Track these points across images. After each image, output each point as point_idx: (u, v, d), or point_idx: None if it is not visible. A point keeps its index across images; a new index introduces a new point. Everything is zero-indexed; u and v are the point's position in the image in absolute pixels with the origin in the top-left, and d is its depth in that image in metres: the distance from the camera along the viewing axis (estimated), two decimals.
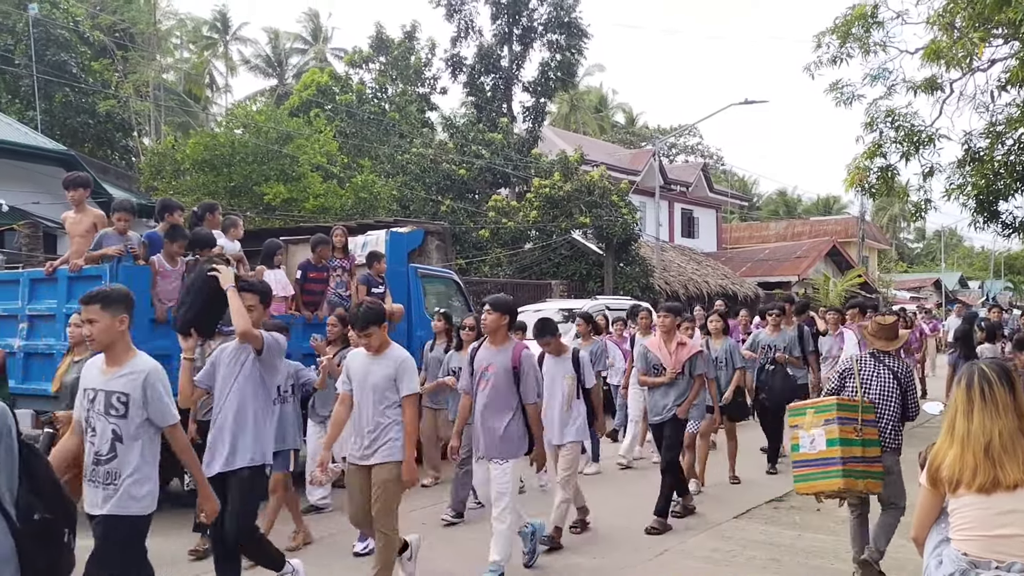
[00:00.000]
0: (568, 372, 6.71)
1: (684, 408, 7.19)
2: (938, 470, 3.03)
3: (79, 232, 7.61)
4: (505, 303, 6.01)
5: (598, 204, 22.46)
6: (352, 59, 29.17)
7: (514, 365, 5.75)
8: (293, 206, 18.27)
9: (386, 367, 5.05)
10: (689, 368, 7.25)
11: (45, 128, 20.58)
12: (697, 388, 7.33)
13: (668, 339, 7.31)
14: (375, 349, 5.09)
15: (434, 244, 13.65)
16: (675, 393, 7.19)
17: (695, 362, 7.30)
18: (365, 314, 5.04)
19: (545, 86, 27.51)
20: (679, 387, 7.20)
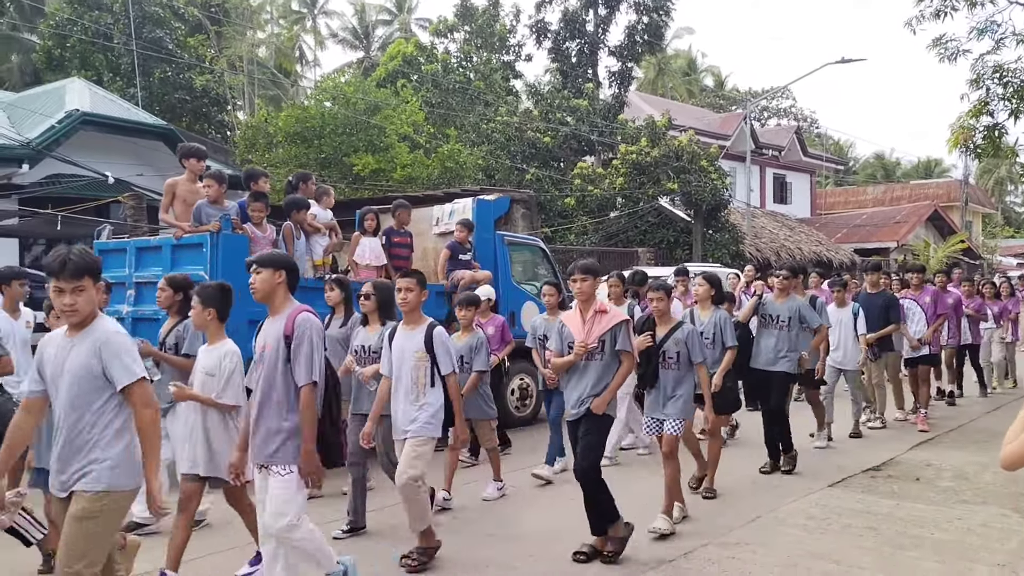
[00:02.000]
0: (418, 348, 5.37)
1: (603, 399, 5.49)
2: None
3: (194, 200, 7.87)
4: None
5: (686, 170, 22.06)
6: (437, 28, 29.24)
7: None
8: (381, 176, 18.54)
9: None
10: (610, 344, 5.54)
11: (145, 104, 21.36)
12: (623, 372, 5.58)
13: (585, 307, 5.64)
14: None
15: (520, 212, 13.67)
16: (591, 379, 5.53)
17: (617, 335, 5.54)
18: None
19: (631, 50, 27.01)
20: (595, 371, 5.54)
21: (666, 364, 6.24)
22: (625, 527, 5.62)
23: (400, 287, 5.44)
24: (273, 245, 7.83)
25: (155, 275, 7.82)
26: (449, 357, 5.39)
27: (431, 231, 10.47)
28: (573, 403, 5.60)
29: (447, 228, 10.07)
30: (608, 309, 5.69)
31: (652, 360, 6.24)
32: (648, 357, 6.22)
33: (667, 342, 6.25)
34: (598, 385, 5.53)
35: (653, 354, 6.23)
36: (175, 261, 7.67)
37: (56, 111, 15.40)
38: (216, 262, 7.37)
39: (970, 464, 8.22)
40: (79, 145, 15.11)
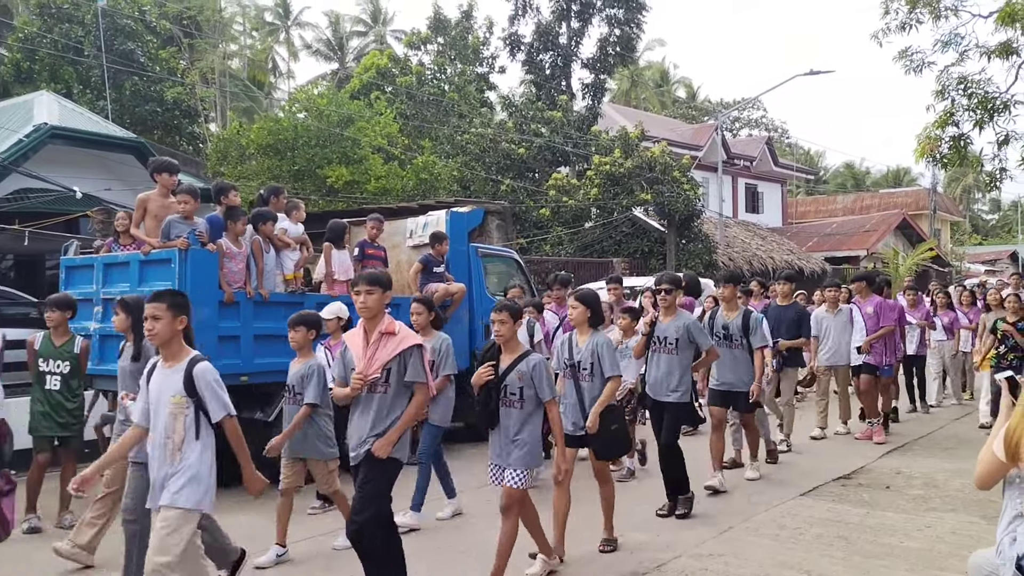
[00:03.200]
0: (177, 391, 4.26)
1: (387, 441, 4.47)
2: (1017, 446, 2.90)
3: (165, 215, 7.76)
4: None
5: (659, 180, 22.21)
6: (411, 40, 29.27)
7: None
8: (355, 188, 18.49)
9: None
10: (397, 373, 4.54)
11: (115, 117, 21.16)
12: (413, 408, 4.57)
13: (370, 327, 4.63)
14: None
15: (494, 224, 13.71)
16: (371, 416, 4.53)
17: (407, 362, 4.53)
18: None
19: (604, 62, 27.23)
20: (378, 406, 4.54)
21: (508, 401, 5.11)
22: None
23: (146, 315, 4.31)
24: (247, 260, 7.80)
25: (123, 291, 7.75)
26: (219, 400, 4.29)
27: (405, 243, 10.44)
28: (353, 444, 4.60)
29: (421, 241, 10.05)
30: (397, 330, 4.61)
31: (492, 397, 5.14)
32: (488, 393, 5.14)
33: (509, 375, 5.10)
34: (381, 423, 4.52)
35: (493, 389, 5.12)
36: (143, 277, 7.59)
37: (24, 125, 15.18)
38: (185, 277, 7.31)
39: (940, 471, 8.31)
40: (48, 159, 14.90)
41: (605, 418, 5.68)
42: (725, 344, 7.62)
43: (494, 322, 5.18)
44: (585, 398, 5.78)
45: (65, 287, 8.37)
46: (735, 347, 7.65)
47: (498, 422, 5.17)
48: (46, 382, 6.83)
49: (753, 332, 7.58)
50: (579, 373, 5.77)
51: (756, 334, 7.60)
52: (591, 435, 5.69)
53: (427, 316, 6.68)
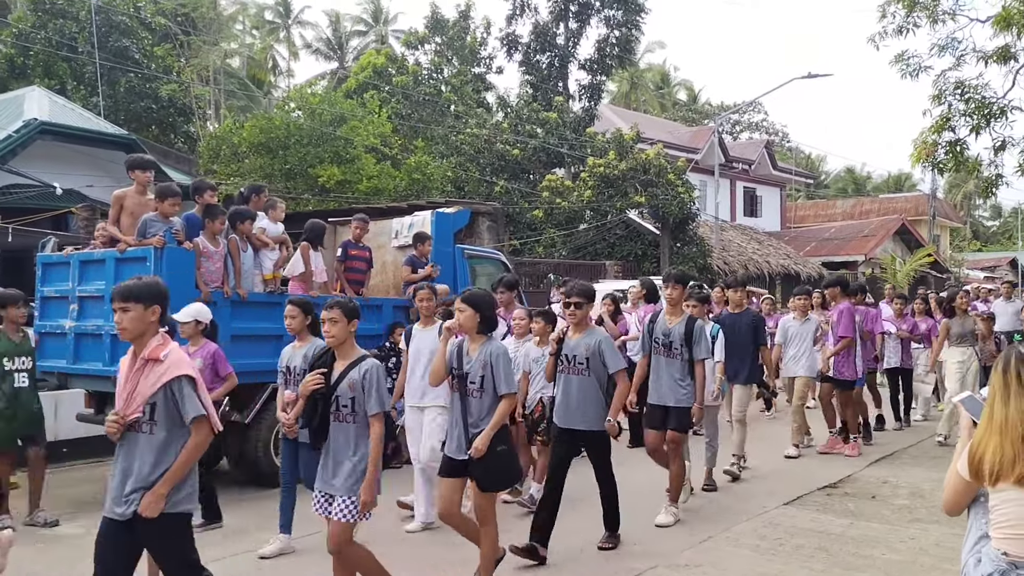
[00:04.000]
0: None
1: (155, 496, 3.57)
2: (980, 462, 2.78)
3: (142, 213, 7.66)
4: None
5: (654, 183, 22.09)
6: (408, 40, 29.17)
7: None
8: (347, 188, 18.38)
9: None
10: (164, 409, 3.66)
11: (109, 113, 21.06)
12: (188, 453, 3.65)
13: (137, 351, 3.75)
14: None
15: (485, 225, 13.62)
16: (136, 463, 3.66)
17: (179, 396, 3.64)
18: None
19: (602, 63, 27.10)
20: (144, 451, 3.67)
21: (339, 415, 4.40)
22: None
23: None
24: (225, 259, 7.68)
25: (99, 289, 7.65)
26: None
27: (390, 244, 10.33)
28: (115, 499, 3.66)
29: (406, 241, 9.93)
30: (163, 356, 3.69)
31: (319, 408, 4.44)
32: (314, 405, 4.46)
33: (341, 384, 4.42)
34: (150, 474, 3.61)
35: (322, 400, 4.44)
36: (119, 275, 7.45)
37: (13, 121, 15.11)
38: (160, 276, 7.14)
39: (927, 481, 8.19)
40: (37, 155, 14.84)
41: (492, 440, 4.92)
42: (663, 353, 6.69)
43: (324, 321, 4.50)
44: (471, 416, 4.99)
45: (42, 284, 8.27)
46: (674, 357, 6.63)
47: (326, 439, 4.46)
48: (14, 380, 6.71)
49: (696, 342, 6.60)
50: (467, 387, 5.00)
51: (700, 344, 6.62)
52: (474, 461, 4.90)
53: (303, 320, 5.79)
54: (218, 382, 6.31)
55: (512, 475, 5.23)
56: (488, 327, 5.13)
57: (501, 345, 5.18)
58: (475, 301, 5.08)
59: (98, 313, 7.52)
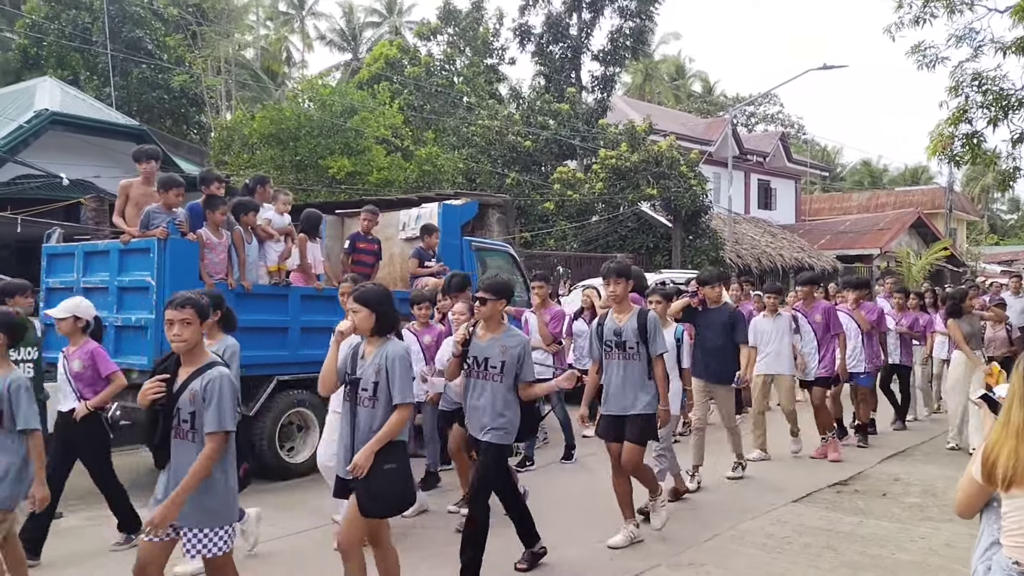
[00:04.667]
0: None
1: None
2: (994, 466, 2.68)
3: (147, 203, 7.64)
4: None
5: (666, 175, 21.93)
6: (421, 31, 29.05)
7: None
8: (357, 179, 18.33)
9: None
10: None
11: (122, 104, 21.07)
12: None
13: None
14: None
15: (495, 217, 13.50)
16: None
17: None
18: None
19: (615, 55, 26.90)
20: None
21: (179, 431, 3.85)
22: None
23: None
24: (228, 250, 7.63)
25: (103, 280, 7.63)
26: None
27: (398, 236, 10.28)
28: None
29: (413, 233, 9.89)
30: None
31: (159, 423, 3.88)
32: (155, 419, 3.90)
33: (182, 395, 3.84)
34: None
35: (163, 413, 3.88)
36: (123, 266, 7.46)
37: (25, 111, 15.11)
38: (164, 268, 7.16)
39: (940, 479, 8.07)
40: (48, 146, 14.80)
41: (379, 457, 4.21)
42: (617, 354, 5.86)
43: (173, 322, 3.82)
44: (360, 429, 4.31)
45: (47, 275, 8.26)
46: (631, 358, 5.83)
47: (169, 459, 3.88)
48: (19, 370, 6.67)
49: (652, 337, 5.79)
50: (358, 394, 4.35)
51: (656, 339, 5.81)
52: (357, 480, 4.21)
53: None
54: (102, 384, 5.77)
55: (402, 499, 4.33)
56: (385, 327, 4.44)
57: (400, 347, 4.40)
58: (369, 299, 4.39)
59: (102, 304, 7.49)
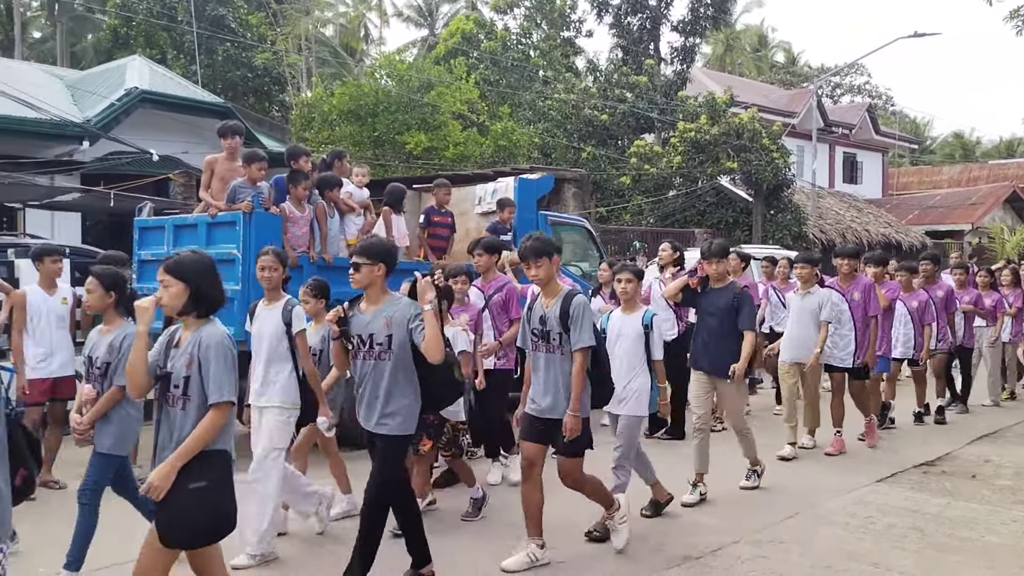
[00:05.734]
0: None
1: None
2: None
3: (231, 178, 7.85)
4: None
5: (747, 148, 21.43)
6: (497, 5, 28.93)
7: None
8: (433, 155, 18.44)
9: None
10: None
11: (207, 82, 21.62)
12: None
13: None
14: None
15: (571, 192, 13.42)
16: None
17: None
18: None
19: (695, 25, 26.29)
20: None
21: None
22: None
23: None
24: (311, 224, 7.78)
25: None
26: None
27: (473, 210, 10.30)
28: None
29: (489, 208, 9.88)
30: None
31: None
32: None
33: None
34: None
35: None
36: (210, 239, 7.67)
37: (116, 89, 15.66)
38: (248, 240, 7.34)
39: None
40: (138, 123, 15.34)
41: (183, 474, 3.43)
42: (542, 345, 5.01)
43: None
44: (165, 435, 3.60)
45: (139, 247, 8.56)
46: (554, 350, 4.95)
47: None
48: None
49: (574, 325, 4.83)
50: (169, 393, 3.60)
51: (579, 327, 4.82)
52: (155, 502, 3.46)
53: (103, 296, 4.81)
54: None
55: (212, 527, 3.55)
56: (205, 306, 3.63)
57: (217, 332, 3.57)
58: (184, 269, 3.60)
59: None
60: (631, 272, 5.90)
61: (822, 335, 7.77)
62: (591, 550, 5.36)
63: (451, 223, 9.30)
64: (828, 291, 8.00)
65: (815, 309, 7.77)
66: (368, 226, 8.44)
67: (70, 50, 30.20)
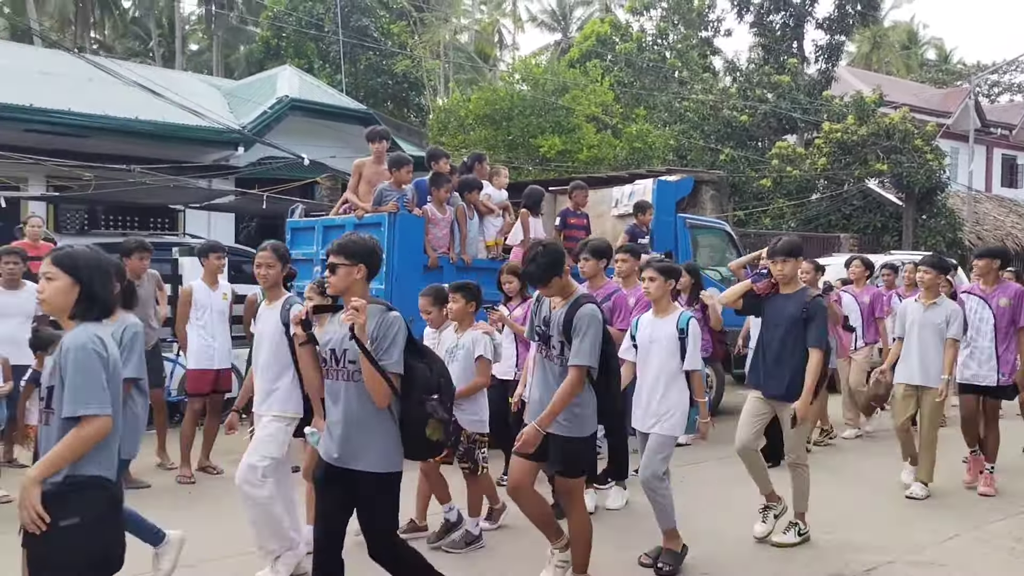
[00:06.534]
0: None
1: None
2: None
3: (378, 181, 8.12)
4: None
5: (898, 149, 20.41)
6: (633, 6, 28.72)
7: None
8: (567, 157, 18.46)
9: None
10: None
11: (351, 90, 22.46)
12: None
13: None
14: None
15: (709, 194, 13.16)
16: None
17: None
18: None
19: (842, 22, 25.30)
20: None
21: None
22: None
23: None
24: (451, 226, 7.93)
25: None
26: None
27: (610, 213, 10.24)
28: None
29: (626, 210, 9.81)
30: None
31: None
32: None
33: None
34: None
35: None
36: None
37: (268, 97, 16.48)
38: (393, 241, 7.56)
39: None
40: (288, 129, 16.08)
41: (55, 508, 2.82)
42: (542, 347, 4.44)
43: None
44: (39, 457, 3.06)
45: (291, 247, 8.93)
46: (553, 359, 4.36)
47: None
48: None
49: (577, 334, 4.17)
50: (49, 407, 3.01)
51: (580, 338, 4.15)
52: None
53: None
54: None
55: (91, 571, 2.95)
56: (97, 310, 3.05)
57: (81, 335, 2.93)
58: (75, 264, 3.02)
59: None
60: (656, 270, 5.08)
61: (948, 356, 6.55)
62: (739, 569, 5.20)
63: (587, 225, 9.25)
64: (955, 304, 6.79)
65: (940, 324, 6.59)
66: (506, 227, 8.53)
67: (224, 61, 32.12)
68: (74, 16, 34.26)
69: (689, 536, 5.08)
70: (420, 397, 3.59)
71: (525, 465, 4.35)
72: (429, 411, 3.58)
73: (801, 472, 5.46)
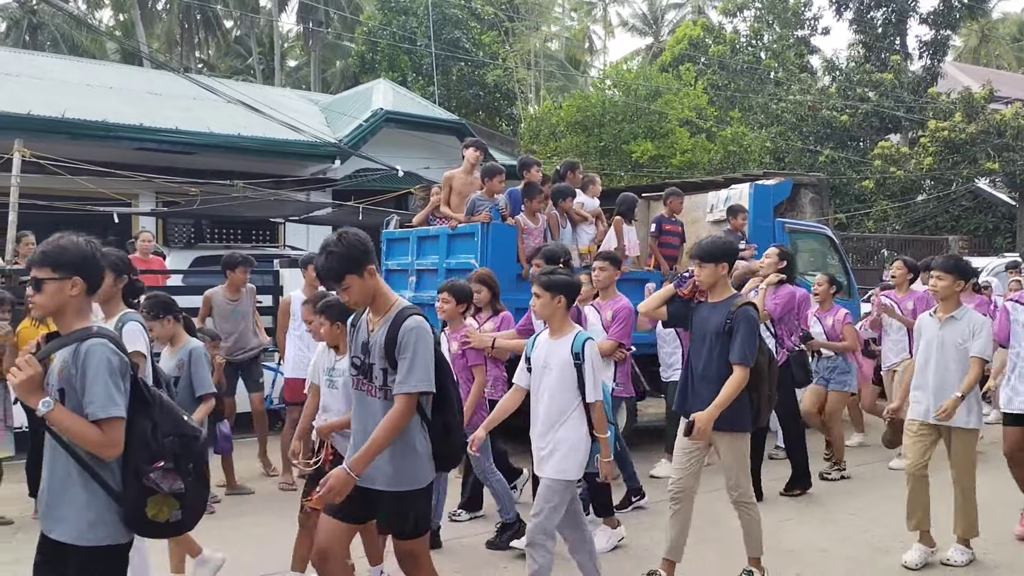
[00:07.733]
0: None
1: None
2: None
3: (469, 192, 8.19)
4: None
5: (1010, 147, 19.46)
6: (726, 7, 28.24)
7: None
8: (660, 163, 18.24)
9: None
10: None
11: (443, 101, 22.76)
12: None
13: None
14: None
15: (808, 197, 12.79)
16: None
17: None
18: None
19: (947, 16, 24.29)
20: None
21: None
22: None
23: None
24: (544, 235, 7.92)
25: (433, 262, 8.27)
26: None
27: (705, 218, 10.04)
28: None
29: (721, 216, 9.59)
30: None
31: None
32: None
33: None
34: None
35: None
36: (450, 250, 8.02)
37: (363, 111, 16.85)
38: (486, 251, 7.59)
39: None
40: (383, 141, 16.40)
41: None
42: (362, 383, 3.55)
43: None
44: None
45: (386, 258, 9.11)
46: (374, 393, 3.49)
47: None
48: None
49: (403, 354, 3.35)
50: None
51: (408, 358, 3.34)
52: None
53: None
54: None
55: None
56: None
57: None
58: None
59: (433, 284, 8.12)
60: (541, 285, 4.23)
61: (969, 378, 5.12)
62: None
63: (681, 232, 9.10)
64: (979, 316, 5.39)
65: (960, 343, 5.19)
66: (600, 235, 8.46)
67: (321, 76, 33.07)
68: (180, 38, 35.95)
69: None
70: (138, 467, 2.71)
71: (334, 526, 3.48)
72: (149, 486, 2.71)
73: (748, 511, 4.66)
